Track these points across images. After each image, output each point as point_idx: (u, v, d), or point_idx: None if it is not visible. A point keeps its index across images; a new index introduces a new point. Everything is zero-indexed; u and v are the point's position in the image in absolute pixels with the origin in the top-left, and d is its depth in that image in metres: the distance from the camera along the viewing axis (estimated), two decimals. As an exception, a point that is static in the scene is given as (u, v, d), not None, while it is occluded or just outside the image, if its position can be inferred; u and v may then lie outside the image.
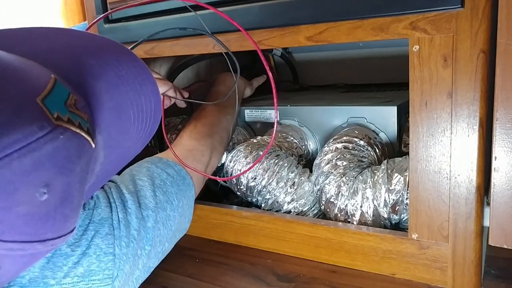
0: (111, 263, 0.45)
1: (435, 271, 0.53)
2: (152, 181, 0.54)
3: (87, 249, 0.44)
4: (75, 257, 0.43)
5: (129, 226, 0.48)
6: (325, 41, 0.55)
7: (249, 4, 0.59)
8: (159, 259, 0.54)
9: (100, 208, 0.48)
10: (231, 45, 0.63)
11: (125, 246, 0.47)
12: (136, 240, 0.48)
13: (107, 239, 0.46)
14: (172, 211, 0.54)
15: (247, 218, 0.67)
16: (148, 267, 0.51)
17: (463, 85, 0.47)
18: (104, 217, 0.47)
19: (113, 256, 0.45)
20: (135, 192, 0.52)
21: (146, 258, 0.50)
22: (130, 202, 0.50)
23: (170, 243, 0.55)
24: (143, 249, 0.49)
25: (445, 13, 0.47)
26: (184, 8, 0.64)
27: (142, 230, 0.49)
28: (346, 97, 0.87)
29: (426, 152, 0.51)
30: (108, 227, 0.47)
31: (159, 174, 0.56)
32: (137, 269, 0.49)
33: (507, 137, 0.43)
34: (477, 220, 0.50)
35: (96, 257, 0.44)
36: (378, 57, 1.03)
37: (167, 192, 0.55)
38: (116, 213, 0.48)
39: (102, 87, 0.36)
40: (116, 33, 0.75)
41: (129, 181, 0.54)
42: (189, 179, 0.59)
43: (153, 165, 0.57)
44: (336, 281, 0.57)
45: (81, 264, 0.43)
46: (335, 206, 0.61)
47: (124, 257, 0.46)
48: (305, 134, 0.77)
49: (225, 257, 0.66)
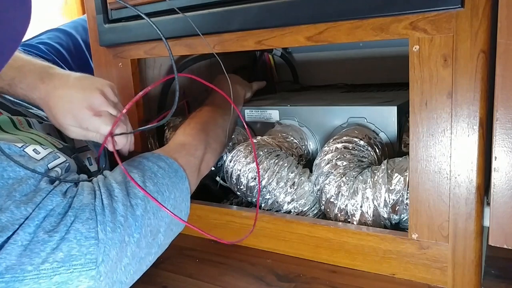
0: (93, 247, 0.45)
1: (435, 271, 0.53)
2: (143, 173, 0.54)
3: (66, 234, 0.44)
4: (53, 242, 0.43)
5: (115, 212, 0.48)
6: (325, 41, 0.55)
7: (249, 4, 0.59)
8: (154, 253, 0.54)
9: (82, 195, 0.48)
10: (231, 45, 0.63)
11: (111, 231, 0.47)
12: (123, 226, 0.48)
13: (88, 223, 0.46)
14: (163, 202, 0.54)
15: (247, 218, 0.67)
16: (140, 257, 0.51)
17: (463, 85, 0.47)
18: (85, 203, 0.47)
19: (95, 240, 0.45)
20: (123, 182, 0.52)
21: (135, 246, 0.49)
22: (117, 190, 0.50)
23: (165, 236, 0.55)
24: (131, 236, 0.49)
25: (445, 13, 0.47)
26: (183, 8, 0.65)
27: (130, 218, 0.49)
28: (346, 97, 0.87)
29: (426, 152, 0.51)
30: (89, 212, 0.46)
31: (150, 167, 0.56)
32: (125, 256, 0.48)
33: (507, 137, 0.43)
34: (477, 220, 0.50)
35: (77, 242, 0.44)
36: (378, 57, 1.03)
37: (157, 183, 0.54)
38: (100, 199, 0.48)
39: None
40: (116, 33, 0.75)
41: (119, 173, 0.54)
42: (182, 171, 0.59)
43: (144, 159, 0.57)
44: (336, 281, 0.57)
45: (61, 249, 0.43)
46: (335, 206, 0.61)
47: (110, 242, 0.46)
48: (305, 134, 0.77)
49: (225, 257, 0.66)
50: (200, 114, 0.72)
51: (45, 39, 1.06)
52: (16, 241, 0.42)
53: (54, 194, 0.46)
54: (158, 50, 0.72)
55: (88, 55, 1.12)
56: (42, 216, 0.44)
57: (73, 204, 0.47)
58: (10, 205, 0.44)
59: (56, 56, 1.04)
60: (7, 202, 0.44)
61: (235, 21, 0.61)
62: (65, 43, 1.07)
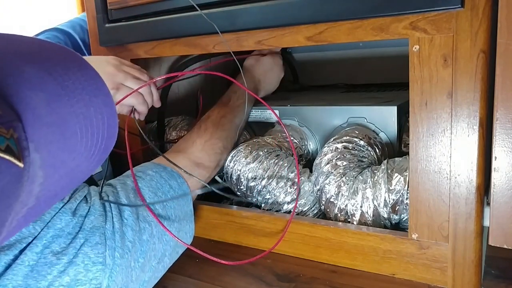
0: (99, 273, 0.44)
1: (435, 271, 0.53)
2: (154, 194, 0.54)
3: (74, 257, 0.43)
4: (61, 265, 0.42)
5: (124, 237, 0.48)
6: (325, 41, 0.55)
7: (249, 4, 0.59)
8: (157, 277, 0.54)
9: (94, 216, 0.47)
10: (231, 45, 0.63)
11: (119, 257, 0.46)
12: (131, 252, 0.47)
13: (97, 248, 0.45)
14: (169, 226, 0.53)
15: (247, 218, 0.67)
16: (143, 280, 0.51)
17: (463, 85, 0.47)
18: (96, 225, 0.46)
19: (102, 266, 0.44)
20: (134, 203, 0.51)
21: (139, 271, 0.49)
22: (128, 212, 0.49)
23: (171, 259, 0.55)
24: (137, 261, 0.48)
25: (445, 13, 0.47)
26: (184, 8, 0.65)
27: (137, 243, 0.49)
28: (346, 97, 0.87)
29: (426, 152, 0.51)
30: (99, 236, 0.45)
31: (162, 185, 0.55)
32: (130, 281, 0.48)
33: (507, 137, 0.43)
34: (477, 220, 0.50)
35: (84, 266, 0.43)
36: (378, 57, 1.03)
37: (166, 206, 0.54)
38: (111, 223, 0.47)
39: (39, 99, 0.31)
40: (116, 33, 0.75)
41: (131, 190, 0.53)
42: (189, 193, 0.59)
43: (157, 175, 0.57)
44: (336, 281, 0.57)
45: (67, 273, 0.42)
46: (335, 206, 0.61)
47: (118, 268, 0.45)
48: (305, 134, 0.77)
49: (225, 257, 0.66)
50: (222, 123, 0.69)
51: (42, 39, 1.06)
52: (23, 262, 0.41)
53: (63, 213, 0.45)
54: (158, 50, 0.72)
55: (87, 54, 1.11)
56: (50, 236, 0.43)
57: (84, 225, 0.46)
58: None
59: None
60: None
61: (235, 21, 0.61)
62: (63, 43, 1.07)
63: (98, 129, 0.35)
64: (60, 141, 0.32)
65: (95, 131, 0.35)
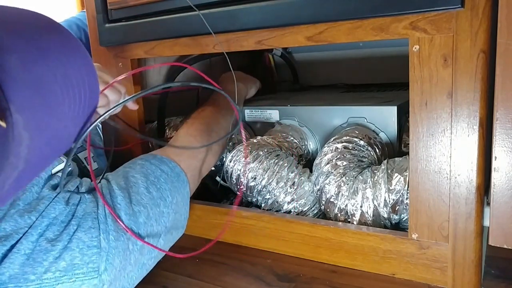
0: (95, 256, 0.45)
1: (435, 271, 0.53)
2: (146, 178, 0.54)
3: (69, 243, 0.44)
4: (56, 251, 0.43)
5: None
6: (325, 41, 0.55)
7: (249, 4, 0.59)
8: (154, 258, 0.54)
9: (85, 204, 0.48)
10: (231, 45, 0.63)
11: (114, 239, 0.47)
12: (126, 234, 0.48)
13: (90, 232, 0.46)
14: (166, 207, 0.54)
15: (247, 218, 0.67)
16: (142, 263, 0.51)
17: (463, 85, 0.47)
18: (88, 211, 0.47)
19: (97, 249, 0.45)
20: (126, 188, 0.52)
21: (138, 254, 0.50)
22: (120, 198, 0.50)
23: (166, 240, 0.55)
24: (135, 244, 0.49)
25: (445, 13, 0.47)
26: (184, 8, 0.65)
27: (133, 226, 0.49)
28: (346, 97, 0.87)
29: (426, 152, 0.51)
30: (91, 220, 0.47)
31: (153, 170, 0.56)
32: (129, 264, 0.49)
33: (507, 137, 0.43)
34: (477, 220, 0.50)
35: (79, 251, 0.44)
36: (378, 57, 1.03)
37: (160, 188, 0.54)
38: (103, 208, 0.48)
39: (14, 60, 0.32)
40: (116, 33, 0.75)
41: (122, 178, 0.54)
42: (184, 175, 0.59)
43: (147, 162, 0.57)
44: (336, 281, 0.57)
45: (63, 259, 0.43)
46: (335, 206, 0.61)
47: (113, 251, 0.46)
48: (305, 134, 0.77)
49: (225, 257, 0.66)
50: (203, 115, 0.71)
51: None
52: (19, 250, 0.42)
53: (57, 202, 0.46)
54: (158, 50, 0.72)
55: None
56: (45, 225, 0.44)
57: (76, 212, 0.47)
58: (13, 214, 0.44)
59: None
60: (10, 211, 0.44)
61: (235, 21, 0.61)
62: None
63: (79, 87, 0.36)
64: (41, 102, 0.33)
65: (76, 90, 0.36)
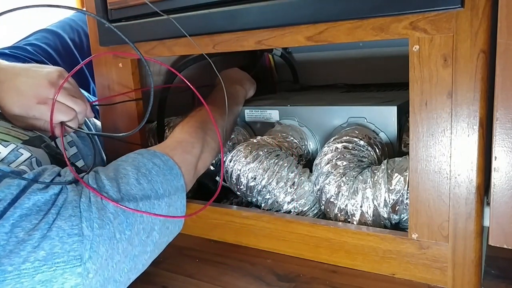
0: (76, 244, 0.45)
1: (435, 271, 0.53)
2: (137, 170, 0.54)
3: (48, 232, 0.44)
4: (34, 241, 0.43)
5: (104, 209, 0.48)
6: (325, 41, 0.55)
7: (249, 4, 0.59)
8: (150, 252, 0.54)
9: (66, 194, 0.48)
10: (231, 45, 0.63)
11: (98, 227, 0.46)
12: (113, 222, 0.48)
13: (71, 220, 0.45)
14: (157, 199, 0.53)
15: (247, 218, 0.67)
16: (133, 255, 0.51)
17: (463, 85, 0.47)
18: (68, 200, 0.47)
19: (79, 237, 0.45)
20: (115, 179, 0.52)
21: (126, 243, 0.49)
22: (108, 187, 0.50)
23: (161, 234, 0.55)
24: (123, 233, 0.49)
25: (445, 13, 0.47)
26: (184, 8, 0.65)
27: (121, 214, 0.49)
28: (346, 97, 0.87)
29: (426, 152, 0.51)
30: (72, 209, 0.46)
31: (145, 163, 0.56)
32: (117, 253, 0.48)
33: (507, 137, 0.43)
34: (477, 220, 0.50)
35: (59, 239, 0.44)
36: (378, 57, 1.03)
37: (152, 180, 0.54)
38: (87, 197, 0.48)
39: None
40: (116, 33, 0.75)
41: (112, 170, 0.54)
42: (177, 169, 0.58)
43: (139, 156, 0.57)
44: (336, 281, 0.57)
45: (42, 248, 0.43)
46: (335, 206, 0.61)
47: (98, 238, 0.46)
48: (305, 134, 0.77)
49: (225, 257, 0.66)
50: (199, 113, 0.71)
51: (32, 40, 1.06)
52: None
53: (31, 193, 0.46)
54: (158, 50, 0.72)
55: (77, 54, 1.11)
56: (17, 215, 0.44)
57: (57, 202, 0.46)
58: None
59: (44, 56, 1.03)
60: None
61: (235, 21, 0.61)
62: (52, 43, 1.07)
63: None
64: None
65: None
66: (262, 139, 0.73)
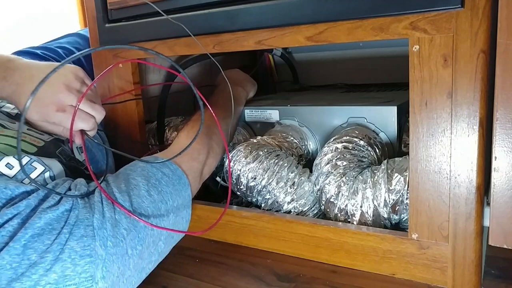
0: (88, 266, 0.43)
1: (435, 271, 0.53)
2: (147, 180, 0.54)
3: (60, 253, 0.43)
4: (46, 263, 0.42)
5: (118, 225, 0.47)
6: (325, 41, 0.55)
7: (249, 4, 0.59)
8: (155, 261, 0.54)
9: (77, 210, 0.46)
10: (231, 45, 0.63)
11: (112, 246, 0.45)
12: (126, 239, 0.47)
13: (83, 241, 0.44)
14: (166, 210, 0.53)
15: (247, 218, 0.67)
16: (141, 267, 0.50)
17: (463, 85, 0.47)
18: (80, 218, 0.45)
19: (91, 258, 0.44)
20: (126, 191, 0.51)
21: (137, 258, 0.49)
22: (121, 201, 0.49)
23: (166, 243, 0.55)
24: (134, 248, 0.48)
25: (445, 13, 0.47)
26: (184, 8, 0.65)
27: (133, 230, 0.48)
28: (346, 97, 0.87)
29: (426, 152, 0.51)
30: (83, 228, 0.45)
31: (154, 173, 0.55)
32: (128, 269, 0.48)
33: (507, 137, 0.43)
34: (477, 220, 0.50)
35: (71, 261, 0.43)
36: (378, 57, 1.03)
37: (162, 191, 0.54)
38: (101, 213, 0.47)
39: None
40: (116, 33, 0.75)
41: (122, 180, 0.53)
42: (185, 178, 0.59)
43: (148, 164, 0.57)
44: (336, 281, 0.57)
45: (54, 271, 0.42)
46: (335, 206, 0.61)
47: (112, 257, 0.45)
48: (305, 134, 0.77)
49: (225, 257, 0.66)
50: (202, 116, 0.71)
51: (63, 43, 1.06)
52: (4, 266, 0.40)
53: (41, 212, 0.44)
54: (158, 50, 0.71)
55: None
56: (29, 236, 0.42)
57: (69, 219, 0.45)
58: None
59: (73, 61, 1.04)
60: None
61: (235, 21, 0.61)
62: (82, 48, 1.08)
63: None
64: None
65: None
66: (262, 139, 0.73)
